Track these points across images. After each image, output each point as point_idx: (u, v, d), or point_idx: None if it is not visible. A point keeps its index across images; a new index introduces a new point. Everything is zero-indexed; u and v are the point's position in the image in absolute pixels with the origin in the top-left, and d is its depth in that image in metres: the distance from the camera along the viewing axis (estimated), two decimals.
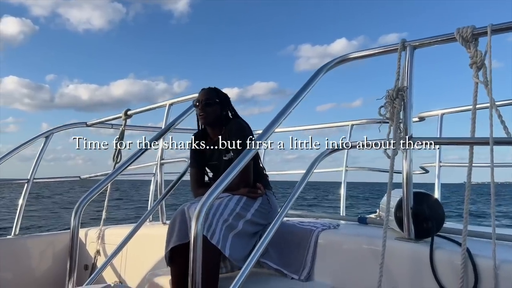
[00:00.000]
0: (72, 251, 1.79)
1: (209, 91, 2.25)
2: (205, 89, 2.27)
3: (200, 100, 2.21)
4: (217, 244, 1.78)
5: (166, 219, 3.01)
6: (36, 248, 3.07)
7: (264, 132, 1.64)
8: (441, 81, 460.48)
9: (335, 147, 2.07)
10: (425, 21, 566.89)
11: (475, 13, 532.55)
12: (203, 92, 2.25)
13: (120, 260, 2.88)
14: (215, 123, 2.22)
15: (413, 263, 1.62)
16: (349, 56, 1.88)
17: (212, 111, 2.19)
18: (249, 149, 1.57)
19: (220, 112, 2.22)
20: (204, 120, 2.21)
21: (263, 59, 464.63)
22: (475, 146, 1.51)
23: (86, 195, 1.87)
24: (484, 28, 1.51)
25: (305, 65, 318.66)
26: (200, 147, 2.30)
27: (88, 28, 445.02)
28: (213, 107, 2.20)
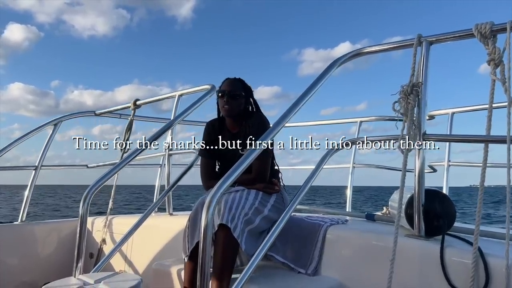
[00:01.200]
0: (80, 239, 1.79)
1: (235, 82, 2.16)
2: (230, 79, 2.19)
3: (226, 91, 2.12)
4: (238, 238, 1.76)
5: (173, 210, 3.01)
6: (43, 234, 3.09)
7: (276, 124, 1.63)
8: (448, 81, 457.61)
9: (342, 144, 2.06)
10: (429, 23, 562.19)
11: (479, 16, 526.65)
12: (228, 82, 2.17)
13: (126, 250, 2.88)
14: (237, 115, 2.15)
15: (422, 261, 1.60)
16: (363, 50, 1.85)
17: (237, 104, 2.12)
18: (262, 142, 1.56)
19: (244, 105, 2.16)
20: (228, 113, 2.13)
21: (267, 64, 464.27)
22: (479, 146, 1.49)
23: (94, 184, 1.87)
24: (503, 24, 1.48)
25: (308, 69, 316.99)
26: (215, 137, 2.22)
27: (92, 34, 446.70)
28: (239, 99, 2.13)
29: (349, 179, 3.80)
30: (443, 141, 1.61)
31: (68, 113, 3.32)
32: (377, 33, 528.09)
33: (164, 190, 2.80)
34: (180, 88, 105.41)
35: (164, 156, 3.14)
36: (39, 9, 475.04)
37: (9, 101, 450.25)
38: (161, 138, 2.43)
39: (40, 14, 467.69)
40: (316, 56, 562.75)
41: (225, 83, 2.18)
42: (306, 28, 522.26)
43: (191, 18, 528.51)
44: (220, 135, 2.21)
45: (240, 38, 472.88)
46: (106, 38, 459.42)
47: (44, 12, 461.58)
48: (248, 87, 2.22)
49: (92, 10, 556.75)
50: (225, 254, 1.76)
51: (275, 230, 1.60)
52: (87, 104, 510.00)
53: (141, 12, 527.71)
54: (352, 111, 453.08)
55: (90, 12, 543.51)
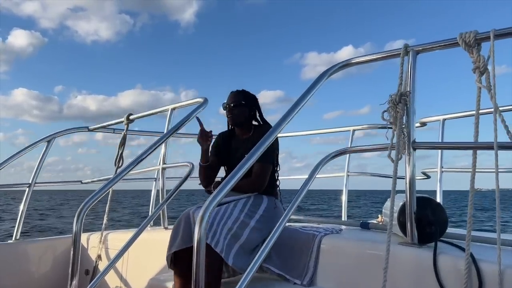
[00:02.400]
0: (74, 256, 1.79)
1: (236, 94, 2.36)
2: (233, 92, 2.39)
3: (228, 103, 2.33)
4: (221, 253, 1.79)
5: (168, 224, 3.00)
6: (37, 252, 3.06)
7: (266, 137, 1.64)
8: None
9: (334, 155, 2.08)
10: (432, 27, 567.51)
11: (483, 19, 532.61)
12: (231, 95, 2.38)
13: (122, 265, 2.87)
14: (243, 123, 2.35)
15: (416, 268, 1.61)
16: (352, 61, 1.88)
17: (239, 112, 2.32)
18: (251, 154, 1.57)
19: (248, 113, 2.34)
20: (232, 121, 2.35)
21: (269, 68, 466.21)
22: (478, 152, 1.51)
23: (88, 200, 1.86)
24: (487, 33, 1.51)
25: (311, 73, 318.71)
26: (225, 144, 2.40)
27: (96, 39, 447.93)
28: (240, 108, 2.32)
29: (344, 188, 3.81)
30: (432, 148, 1.64)
31: (62, 129, 3.32)
32: (379, 37, 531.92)
33: (159, 203, 2.80)
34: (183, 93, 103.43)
35: (158, 170, 3.14)
36: (43, 15, 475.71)
37: (13, 106, 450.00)
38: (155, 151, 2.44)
39: (43, 20, 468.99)
40: (319, 60, 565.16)
41: (228, 96, 2.39)
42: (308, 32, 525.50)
43: (194, 23, 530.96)
44: (230, 142, 2.40)
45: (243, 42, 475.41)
46: (109, 43, 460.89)
47: (48, 18, 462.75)
48: (251, 96, 2.40)
49: (95, 15, 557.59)
50: (209, 269, 1.78)
51: (269, 241, 1.60)
52: (90, 109, 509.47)
53: (144, 17, 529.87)
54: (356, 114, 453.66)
55: (93, 17, 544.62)
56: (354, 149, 2.26)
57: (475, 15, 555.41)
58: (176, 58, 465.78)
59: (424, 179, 3.57)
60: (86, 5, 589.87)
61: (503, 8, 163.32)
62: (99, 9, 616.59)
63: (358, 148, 2.13)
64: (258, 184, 2.12)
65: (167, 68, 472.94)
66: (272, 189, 2.24)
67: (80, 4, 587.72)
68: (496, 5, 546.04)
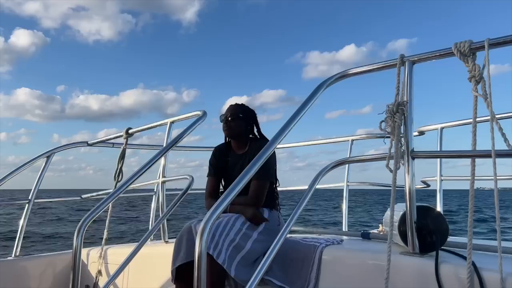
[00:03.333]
0: (74, 271, 1.78)
1: (235, 107, 2.36)
2: (232, 105, 2.40)
3: (226, 115, 2.32)
4: (223, 264, 1.78)
5: (168, 237, 2.99)
6: (37, 269, 3.04)
7: (265, 149, 1.65)
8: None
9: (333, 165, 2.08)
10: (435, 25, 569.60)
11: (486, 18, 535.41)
12: (229, 107, 2.37)
13: (122, 280, 2.85)
14: (239, 137, 2.33)
15: (418, 278, 1.60)
16: (348, 72, 1.90)
17: (236, 125, 2.31)
18: (250, 167, 1.57)
19: (245, 127, 2.33)
20: (228, 133, 2.33)
21: (271, 67, 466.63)
22: (476, 159, 1.52)
23: (88, 215, 1.86)
24: (481, 42, 1.53)
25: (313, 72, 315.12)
26: (221, 159, 2.38)
27: (98, 39, 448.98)
28: (237, 121, 2.31)
29: (343, 198, 3.80)
30: (430, 157, 1.65)
31: (60, 145, 3.32)
32: (382, 36, 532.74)
33: (159, 217, 2.79)
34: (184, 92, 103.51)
35: (158, 183, 3.14)
36: (44, 15, 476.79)
37: (16, 106, 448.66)
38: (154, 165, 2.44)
39: (45, 20, 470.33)
40: (321, 59, 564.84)
41: (227, 109, 2.38)
42: (310, 31, 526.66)
43: (196, 22, 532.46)
44: (227, 156, 2.38)
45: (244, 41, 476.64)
46: (111, 43, 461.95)
47: (50, 18, 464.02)
48: (250, 111, 2.40)
49: (97, 15, 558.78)
50: (211, 281, 1.78)
51: (270, 253, 1.60)
52: (92, 109, 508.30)
53: (145, 17, 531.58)
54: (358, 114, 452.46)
55: (95, 17, 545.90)
56: (353, 159, 2.27)
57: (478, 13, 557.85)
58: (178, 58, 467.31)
59: (424, 188, 3.57)
60: (88, 5, 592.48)
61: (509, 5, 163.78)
62: (101, 9, 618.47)
63: (357, 159, 2.14)
64: (255, 201, 2.12)
65: (169, 67, 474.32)
66: (273, 202, 2.24)
67: (82, 4, 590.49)
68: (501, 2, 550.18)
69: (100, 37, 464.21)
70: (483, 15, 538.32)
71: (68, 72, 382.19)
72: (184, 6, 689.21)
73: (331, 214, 24.77)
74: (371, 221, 19.05)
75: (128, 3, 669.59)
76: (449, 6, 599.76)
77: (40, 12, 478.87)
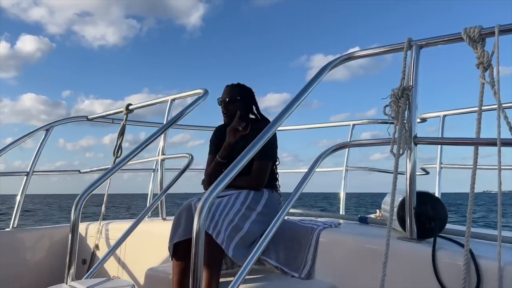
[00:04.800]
0: (71, 245, 1.78)
1: (232, 89, 2.30)
2: (227, 86, 2.33)
3: (223, 99, 2.27)
4: (222, 244, 1.79)
5: (166, 215, 3.00)
6: (34, 241, 3.06)
7: (268, 128, 1.63)
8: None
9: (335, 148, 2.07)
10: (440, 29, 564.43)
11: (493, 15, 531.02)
12: (226, 90, 2.31)
13: (119, 255, 2.87)
14: (240, 119, 2.25)
15: (415, 263, 1.61)
16: (354, 54, 1.87)
17: (234, 108, 2.25)
18: (252, 146, 1.56)
19: (244, 108, 2.28)
20: (227, 119, 2.28)
21: (275, 71, 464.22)
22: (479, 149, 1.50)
23: (86, 189, 1.85)
24: (491, 28, 1.50)
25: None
26: (222, 138, 2.30)
27: (103, 44, 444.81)
28: (236, 103, 2.26)
29: (342, 183, 3.81)
30: (433, 144, 1.64)
31: (59, 119, 3.30)
32: (386, 38, 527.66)
33: (157, 194, 2.79)
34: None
35: (157, 160, 3.13)
36: (50, 20, 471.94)
37: (22, 111, 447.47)
38: (154, 142, 2.43)
39: (50, 25, 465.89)
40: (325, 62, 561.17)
41: (223, 91, 2.32)
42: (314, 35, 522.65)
43: (200, 26, 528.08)
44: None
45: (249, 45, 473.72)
46: (116, 48, 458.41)
47: (55, 23, 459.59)
48: (247, 90, 2.34)
49: (102, 20, 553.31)
50: (209, 260, 1.79)
51: (268, 234, 1.60)
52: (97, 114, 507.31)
53: (150, 21, 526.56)
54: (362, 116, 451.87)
55: (100, 22, 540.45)
56: (354, 143, 2.25)
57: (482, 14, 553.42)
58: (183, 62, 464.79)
59: (423, 175, 3.57)
60: (92, 10, 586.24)
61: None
62: (106, 14, 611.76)
63: (358, 142, 2.12)
64: (258, 181, 2.10)
65: (174, 71, 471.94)
66: (273, 183, 2.24)
67: (87, 9, 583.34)
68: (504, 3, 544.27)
69: (105, 42, 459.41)
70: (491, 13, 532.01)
71: (73, 77, 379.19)
72: (189, 11, 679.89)
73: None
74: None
75: (133, 8, 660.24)
76: (454, 9, 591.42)
77: (45, 17, 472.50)
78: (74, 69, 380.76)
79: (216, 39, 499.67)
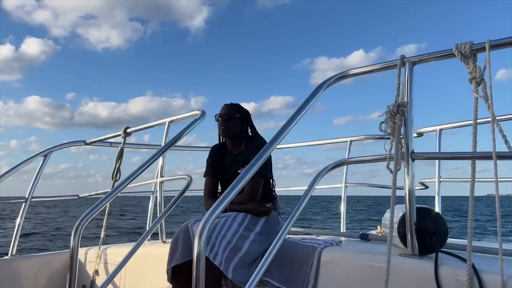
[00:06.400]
0: (71, 271, 1.76)
1: (231, 107, 2.36)
2: (227, 104, 2.39)
3: (221, 114, 2.32)
4: (220, 266, 1.78)
5: (166, 237, 2.98)
6: (34, 268, 3.02)
7: (265, 149, 1.64)
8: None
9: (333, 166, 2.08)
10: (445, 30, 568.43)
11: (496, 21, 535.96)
12: (225, 107, 2.37)
13: (120, 280, 2.83)
14: (234, 136, 2.33)
15: (417, 280, 1.60)
16: (349, 73, 1.89)
17: (232, 125, 2.31)
18: (250, 166, 1.57)
19: (240, 127, 2.33)
20: (224, 133, 2.33)
21: (278, 73, 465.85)
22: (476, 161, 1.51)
23: (85, 214, 1.85)
24: (482, 44, 1.53)
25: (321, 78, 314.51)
26: (218, 158, 2.39)
27: (106, 47, 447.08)
28: (233, 121, 2.31)
29: (342, 199, 3.80)
30: (430, 159, 1.64)
31: (58, 144, 3.30)
32: (391, 41, 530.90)
33: (157, 217, 2.78)
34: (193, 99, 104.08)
35: (156, 183, 3.13)
36: (54, 23, 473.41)
37: (26, 114, 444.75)
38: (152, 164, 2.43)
39: (55, 28, 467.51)
40: (329, 65, 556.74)
41: (222, 108, 2.37)
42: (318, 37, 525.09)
43: (204, 29, 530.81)
44: (222, 157, 2.38)
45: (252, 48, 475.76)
46: (120, 51, 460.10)
47: (59, 26, 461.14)
48: (245, 111, 2.40)
49: (106, 23, 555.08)
50: (207, 283, 1.76)
51: (269, 255, 1.59)
52: (101, 116, 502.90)
53: (154, 24, 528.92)
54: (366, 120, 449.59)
55: (104, 25, 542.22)
56: (352, 160, 2.26)
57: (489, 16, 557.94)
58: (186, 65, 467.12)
59: (422, 189, 3.56)
60: (96, 13, 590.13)
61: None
62: (110, 17, 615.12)
63: (356, 159, 2.13)
64: (250, 198, 2.12)
65: (177, 74, 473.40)
66: (271, 202, 2.23)
67: (91, 12, 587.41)
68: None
69: (109, 44, 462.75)
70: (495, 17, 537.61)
71: (77, 80, 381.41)
72: (192, 14, 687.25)
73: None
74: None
75: (137, 11, 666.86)
76: (459, 11, 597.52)
77: (49, 20, 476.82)
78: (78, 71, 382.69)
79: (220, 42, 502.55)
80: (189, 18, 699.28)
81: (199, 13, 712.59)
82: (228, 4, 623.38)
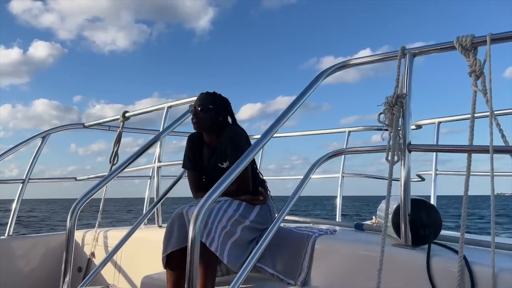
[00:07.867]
0: (67, 253, 1.78)
1: (204, 97, 2.20)
2: (201, 94, 2.23)
3: (194, 106, 2.18)
4: (216, 251, 1.79)
5: (162, 222, 3.00)
6: (30, 249, 3.05)
7: (262, 137, 1.64)
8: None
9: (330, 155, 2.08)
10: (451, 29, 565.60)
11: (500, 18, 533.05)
12: (198, 97, 2.22)
13: (115, 263, 2.86)
14: (209, 129, 2.18)
15: (410, 270, 1.61)
16: (349, 62, 1.89)
17: (204, 117, 2.14)
18: (247, 154, 1.57)
19: (214, 118, 2.16)
20: (195, 126, 2.17)
21: (285, 73, 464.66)
22: (473, 156, 1.52)
23: (82, 197, 1.86)
24: (483, 37, 1.52)
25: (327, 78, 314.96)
26: (196, 151, 2.26)
27: (113, 49, 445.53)
28: (207, 113, 2.14)
29: (338, 189, 3.82)
30: (427, 151, 1.65)
31: (56, 126, 3.30)
32: (397, 39, 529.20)
33: (153, 202, 2.79)
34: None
35: (153, 168, 3.13)
36: (61, 26, 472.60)
37: (34, 117, 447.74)
38: (150, 149, 2.43)
39: (62, 31, 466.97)
40: None
41: (196, 98, 2.22)
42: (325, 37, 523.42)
43: (209, 30, 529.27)
44: (200, 149, 2.25)
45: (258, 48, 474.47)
46: (126, 53, 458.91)
47: (66, 29, 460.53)
48: (222, 99, 2.23)
49: (112, 25, 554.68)
50: (204, 269, 1.79)
51: (263, 241, 1.61)
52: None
53: (160, 26, 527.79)
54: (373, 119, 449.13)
55: (110, 27, 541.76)
56: (350, 150, 2.27)
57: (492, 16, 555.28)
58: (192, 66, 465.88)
59: (418, 181, 3.58)
60: (103, 16, 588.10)
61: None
62: (116, 19, 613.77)
63: (354, 149, 2.14)
64: (243, 190, 2.06)
65: (183, 76, 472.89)
66: (262, 186, 2.20)
67: (97, 15, 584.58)
68: None
69: (115, 47, 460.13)
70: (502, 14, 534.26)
71: (84, 83, 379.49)
72: (198, 15, 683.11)
73: None
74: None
75: (143, 13, 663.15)
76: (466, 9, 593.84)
77: (56, 23, 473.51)
78: (85, 74, 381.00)
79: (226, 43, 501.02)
80: (195, 19, 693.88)
81: (205, 14, 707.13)
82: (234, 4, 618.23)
